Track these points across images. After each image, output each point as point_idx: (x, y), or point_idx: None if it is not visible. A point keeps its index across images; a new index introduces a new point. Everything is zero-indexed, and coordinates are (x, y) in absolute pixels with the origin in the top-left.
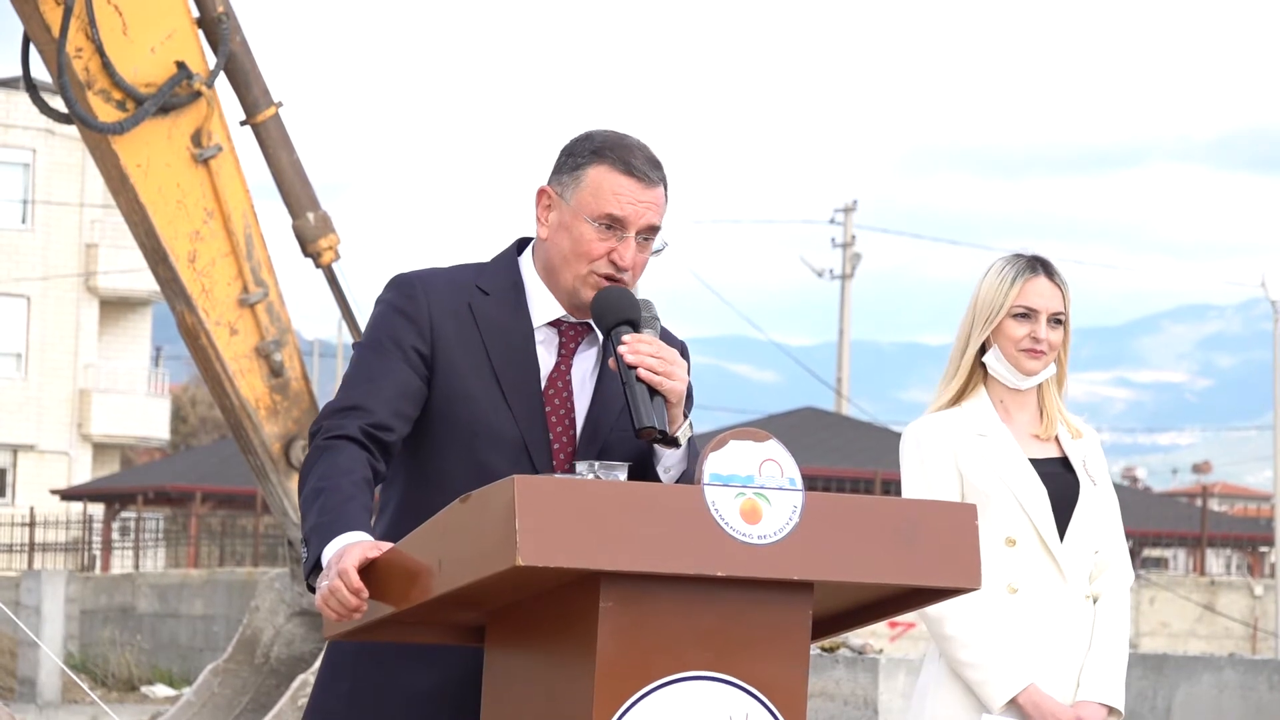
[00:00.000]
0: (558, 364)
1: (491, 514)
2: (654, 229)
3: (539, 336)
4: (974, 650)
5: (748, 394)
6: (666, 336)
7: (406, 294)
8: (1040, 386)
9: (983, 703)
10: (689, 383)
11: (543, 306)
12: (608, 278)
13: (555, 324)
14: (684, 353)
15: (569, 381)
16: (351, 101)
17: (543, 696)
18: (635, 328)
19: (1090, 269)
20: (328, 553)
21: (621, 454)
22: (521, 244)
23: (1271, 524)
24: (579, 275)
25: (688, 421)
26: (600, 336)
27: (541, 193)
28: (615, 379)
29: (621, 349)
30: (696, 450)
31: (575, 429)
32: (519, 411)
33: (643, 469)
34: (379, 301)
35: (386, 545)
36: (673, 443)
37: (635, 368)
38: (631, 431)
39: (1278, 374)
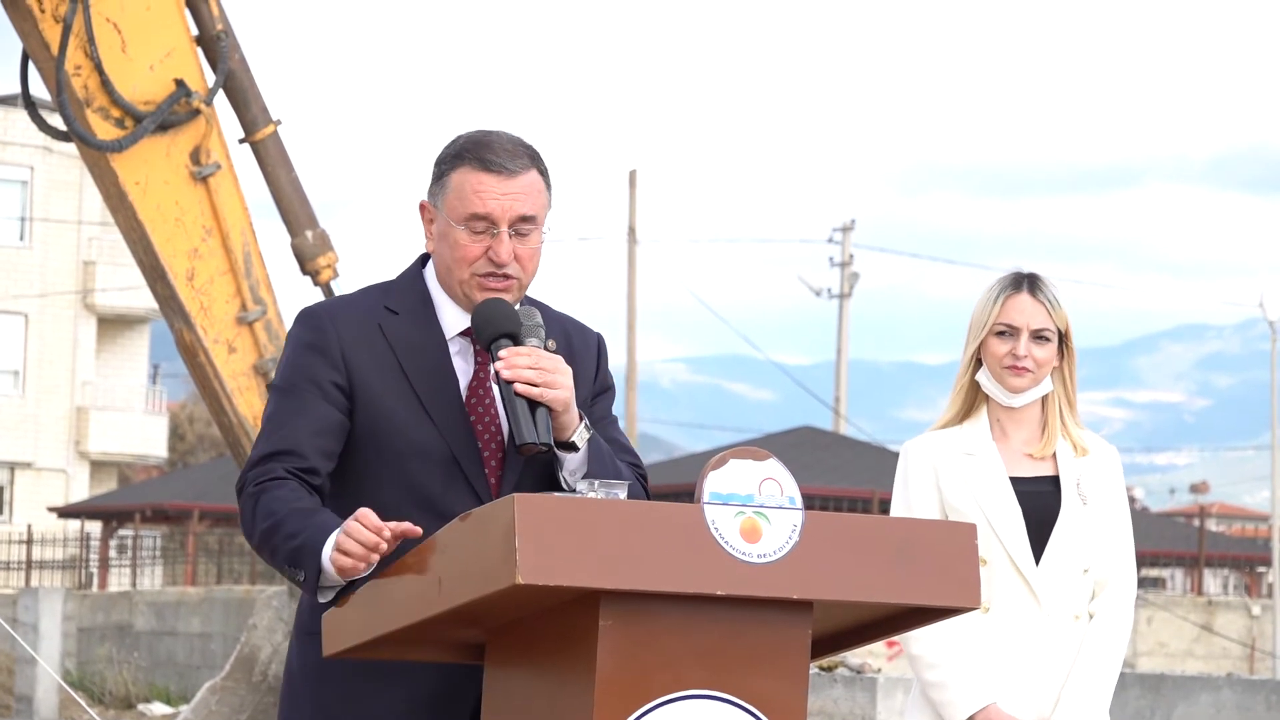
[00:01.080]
0: (475, 373)
1: (491, 532)
2: (526, 219)
3: (453, 348)
4: (939, 670)
5: (745, 413)
6: (573, 333)
7: (314, 327)
8: (1044, 403)
9: None
10: (607, 377)
11: (453, 318)
12: (490, 276)
13: (467, 333)
14: (599, 344)
15: (489, 389)
16: (350, 120)
17: (543, 714)
18: (515, 340)
19: (1088, 288)
20: (329, 550)
21: (547, 459)
22: (425, 258)
23: (1269, 544)
24: (464, 280)
25: (583, 424)
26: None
27: (421, 207)
28: None
29: (497, 364)
30: (603, 448)
31: (502, 436)
32: (444, 425)
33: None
34: (288, 339)
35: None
36: (568, 448)
37: (512, 383)
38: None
39: (1276, 394)
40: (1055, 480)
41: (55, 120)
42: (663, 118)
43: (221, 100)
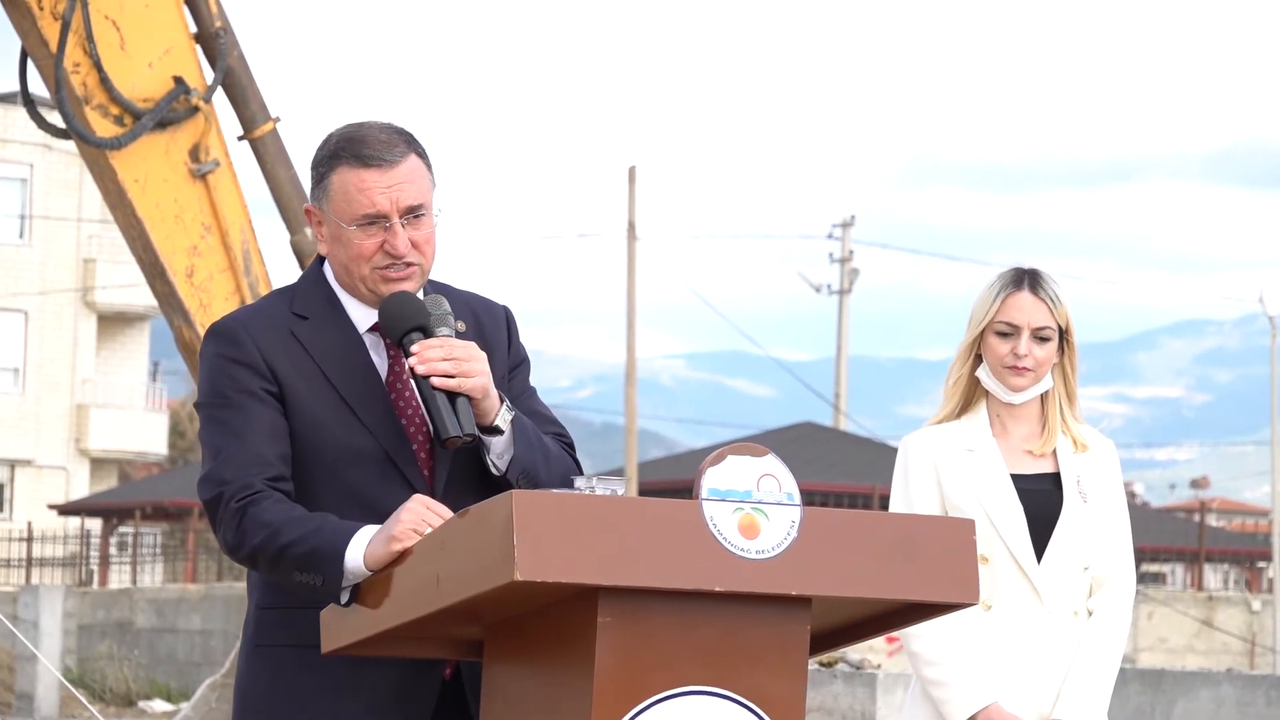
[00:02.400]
0: (391, 366)
1: (489, 529)
2: (415, 207)
3: (367, 343)
4: (939, 667)
5: (745, 409)
6: (480, 311)
7: (231, 340)
8: (1044, 399)
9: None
10: (520, 350)
11: (361, 315)
12: (390, 267)
13: (376, 328)
14: (507, 318)
15: (408, 382)
16: (348, 116)
17: (541, 711)
18: (426, 332)
19: (1088, 284)
20: (355, 549)
21: (474, 447)
22: (323, 259)
23: (1269, 539)
24: (365, 276)
25: (504, 405)
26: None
27: (307, 212)
28: None
29: (410, 360)
30: (528, 428)
31: (429, 429)
32: (373, 425)
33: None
34: (204, 357)
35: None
36: (493, 432)
37: (428, 377)
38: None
39: (1276, 389)
40: (1056, 478)
41: (54, 118)
42: (662, 113)
43: (220, 97)
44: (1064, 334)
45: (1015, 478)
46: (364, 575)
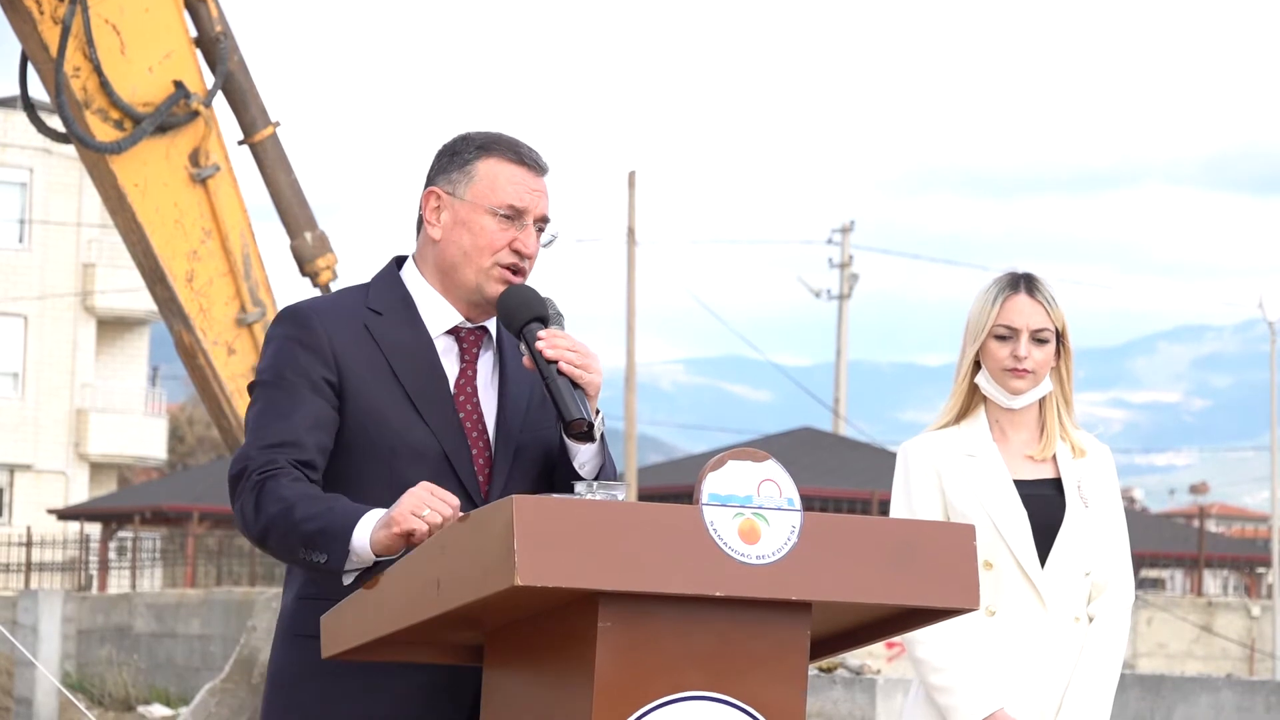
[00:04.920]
0: (463, 370)
1: (490, 533)
2: (547, 219)
3: (439, 346)
4: (945, 674)
5: (745, 414)
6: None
7: (302, 324)
8: (1042, 404)
9: None
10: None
11: (437, 317)
12: (511, 268)
13: (453, 332)
14: None
15: (477, 387)
16: (349, 121)
17: (541, 716)
18: (545, 324)
19: (1086, 289)
20: (361, 530)
21: (533, 455)
22: (399, 260)
23: (1269, 545)
24: (482, 269)
25: (600, 416)
26: (494, 337)
27: (430, 194)
28: (518, 381)
29: (539, 344)
30: (606, 444)
31: (489, 434)
32: (435, 424)
33: (551, 468)
34: (272, 338)
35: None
36: (591, 437)
37: (555, 361)
38: (540, 430)
39: (1275, 394)
40: (1057, 483)
41: (54, 122)
42: (662, 119)
43: (220, 102)
44: (1060, 337)
45: (1017, 483)
46: (369, 557)
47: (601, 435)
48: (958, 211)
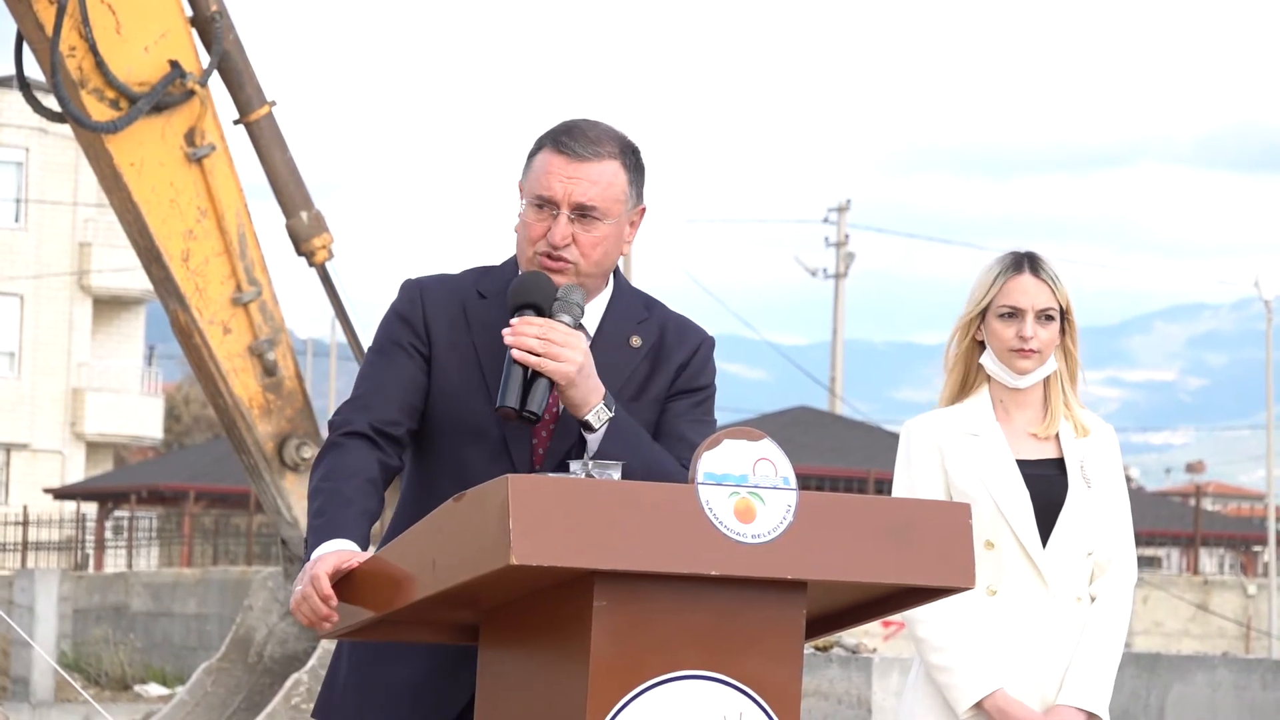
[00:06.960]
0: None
1: (485, 513)
2: (587, 206)
3: None
4: (945, 653)
5: (741, 393)
6: (670, 330)
7: (407, 298)
8: (1046, 383)
9: (950, 705)
10: (700, 377)
11: None
12: (548, 257)
13: None
14: (699, 346)
15: None
16: (345, 101)
17: (536, 696)
18: (538, 312)
19: (1082, 268)
20: (314, 556)
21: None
22: None
23: (1265, 523)
24: (529, 259)
25: (603, 404)
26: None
27: (519, 188)
28: (599, 369)
29: (504, 330)
30: (631, 432)
31: (554, 424)
32: None
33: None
34: (390, 307)
35: (364, 556)
36: (584, 428)
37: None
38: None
39: (1271, 373)
40: (1060, 463)
41: (50, 101)
42: (657, 98)
43: (216, 81)
44: (1065, 315)
45: (1020, 463)
46: None
47: (616, 420)
48: (954, 191)
